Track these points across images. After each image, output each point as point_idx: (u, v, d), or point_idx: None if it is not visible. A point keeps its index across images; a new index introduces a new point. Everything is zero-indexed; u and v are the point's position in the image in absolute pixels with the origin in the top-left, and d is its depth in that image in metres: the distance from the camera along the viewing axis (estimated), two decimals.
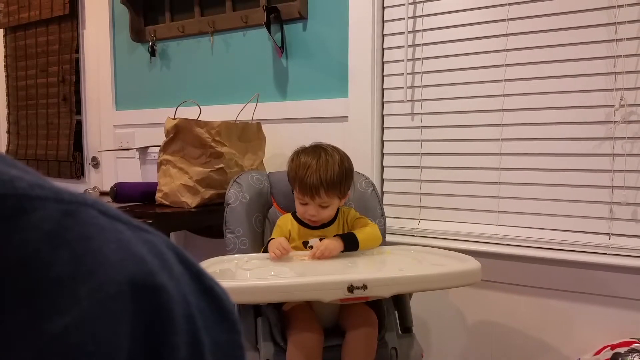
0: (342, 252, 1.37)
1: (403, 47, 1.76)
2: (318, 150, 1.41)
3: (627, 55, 1.44)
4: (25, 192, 0.22)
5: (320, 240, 1.40)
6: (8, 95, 2.92)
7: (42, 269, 0.21)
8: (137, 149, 2.11)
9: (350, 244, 1.38)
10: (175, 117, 1.73)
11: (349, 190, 1.45)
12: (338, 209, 1.45)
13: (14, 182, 0.22)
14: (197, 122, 1.70)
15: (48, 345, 0.21)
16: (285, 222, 1.47)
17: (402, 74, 1.76)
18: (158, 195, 1.77)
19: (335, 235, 1.40)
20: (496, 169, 1.64)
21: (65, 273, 0.21)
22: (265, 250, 1.42)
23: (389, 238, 1.62)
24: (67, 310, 0.21)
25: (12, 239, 0.21)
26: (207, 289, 0.29)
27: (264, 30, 1.97)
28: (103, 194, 2.13)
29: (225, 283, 0.31)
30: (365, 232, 1.41)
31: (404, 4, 1.75)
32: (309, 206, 1.38)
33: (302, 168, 1.37)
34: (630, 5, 1.43)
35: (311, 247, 1.41)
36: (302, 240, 1.44)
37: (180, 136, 1.71)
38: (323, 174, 1.35)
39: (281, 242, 1.36)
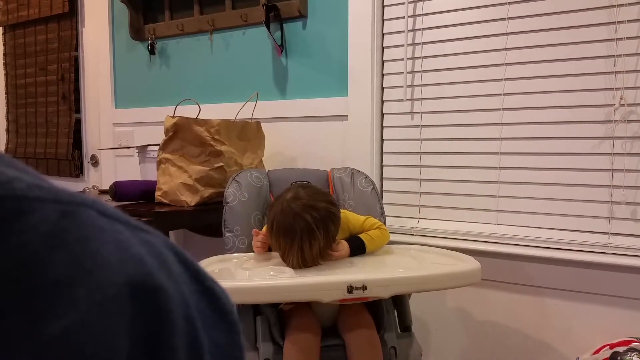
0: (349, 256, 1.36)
1: (403, 45, 1.76)
2: (297, 224, 1.24)
3: (627, 55, 1.44)
4: (24, 193, 0.22)
5: None
6: (7, 93, 2.92)
7: (40, 271, 0.21)
8: (137, 147, 2.11)
9: (357, 250, 1.37)
10: (175, 115, 1.73)
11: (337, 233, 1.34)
12: None
13: (12, 183, 0.22)
14: (197, 121, 1.70)
15: (47, 347, 0.20)
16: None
17: (402, 73, 1.76)
18: (157, 193, 1.77)
19: (341, 240, 1.38)
20: (496, 168, 1.64)
21: (63, 275, 0.21)
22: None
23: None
24: (66, 312, 0.21)
25: (10, 241, 0.21)
26: (207, 289, 0.29)
27: (264, 28, 1.96)
28: (102, 192, 2.12)
29: (224, 283, 0.31)
30: (371, 235, 1.40)
31: (403, 3, 1.75)
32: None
33: (281, 246, 1.28)
34: (630, 4, 1.43)
35: None
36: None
37: (180, 135, 1.71)
38: (308, 255, 1.26)
39: (256, 239, 1.37)
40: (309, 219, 1.24)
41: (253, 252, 1.45)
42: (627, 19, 1.44)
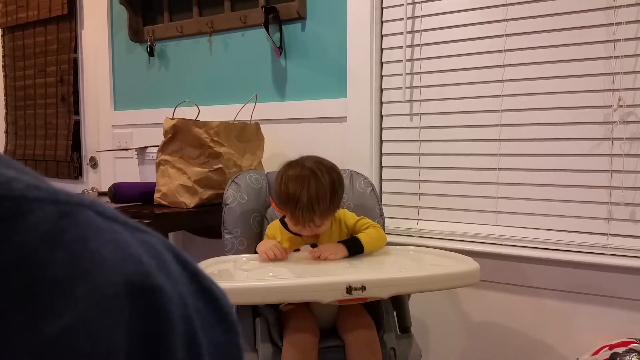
0: (347, 257, 1.36)
1: (402, 47, 1.76)
2: (306, 175, 1.31)
3: (626, 56, 1.45)
4: (22, 193, 0.22)
5: (312, 247, 1.39)
6: (6, 95, 2.92)
7: (39, 271, 0.21)
8: (136, 149, 2.11)
9: (355, 250, 1.37)
10: (174, 117, 1.73)
11: (341, 201, 1.40)
12: None
13: (10, 183, 0.22)
14: (196, 122, 1.70)
15: (45, 347, 0.20)
16: (273, 231, 1.44)
17: (401, 75, 1.76)
18: (156, 195, 1.77)
19: (339, 242, 1.38)
20: (495, 169, 1.64)
21: (62, 275, 0.21)
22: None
23: (387, 238, 1.62)
24: (64, 312, 0.21)
25: (9, 241, 0.21)
26: (205, 289, 0.29)
27: (263, 30, 1.97)
28: (101, 194, 2.13)
29: (223, 284, 0.31)
30: (368, 236, 1.40)
31: (402, 5, 1.75)
32: (303, 229, 1.36)
33: (291, 199, 1.30)
34: (628, 5, 1.43)
35: None
36: (293, 248, 1.41)
37: (179, 136, 1.71)
38: (315, 204, 1.29)
39: (276, 244, 1.35)
40: (315, 167, 1.33)
41: (252, 253, 1.45)
42: (625, 21, 1.44)
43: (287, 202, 1.32)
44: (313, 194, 1.29)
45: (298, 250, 1.41)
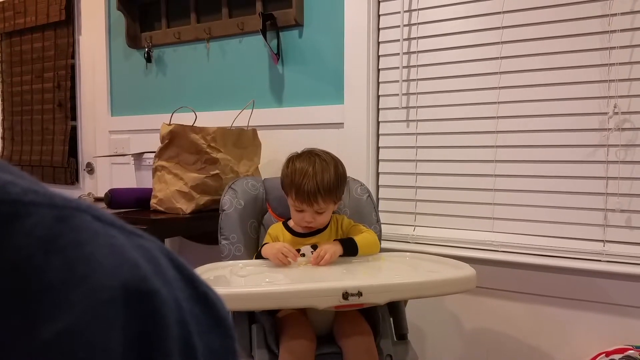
0: (341, 256, 1.37)
1: (398, 54, 1.77)
2: (312, 156, 1.39)
3: (621, 64, 1.46)
4: (19, 197, 0.22)
5: (313, 247, 1.40)
6: (3, 100, 2.91)
7: (34, 275, 0.21)
8: (132, 154, 2.11)
9: (350, 248, 1.38)
10: (171, 123, 1.73)
11: (342, 195, 1.45)
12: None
13: (7, 187, 0.22)
14: (193, 128, 1.70)
15: (40, 352, 0.20)
16: (275, 230, 1.47)
17: (398, 81, 1.77)
18: (153, 201, 1.77)
19: (334, 240, 1.40)
20: (491, 175, 1.65)
21: (57, 279, 0.21)
22: (258, 257, 1.41)
23: (384, 244, 1.62)
24: (60, 316, 0.21)
25: (4, 245, 0.21)
26: (201, 294, 0.29)
27: (260, 37, 1.97)
28: (98, 200, 2.12)
29: (219, 290, 0.31)
30: (364, 238, 1.41)
31: (399, 12, 1.76)
32: (305, 213, 1.38)
33: (298, 175, 1.36)
34: (623, 14, 1.45)
35: (303, 254, 1.41)
36: (294, 249, 1.43)
37: (176, 142, 1.71)
38: (320, 180, 1.34)
39: (284, 244, 1.35)
40: (322, 153, 1.41)
41: (248, 259, 1.44)
42: (620, 28, 1.45)
43: (293, 179, 1.36)
44: (319, 170, 1.35)
45: (299, 250, 1.41)
